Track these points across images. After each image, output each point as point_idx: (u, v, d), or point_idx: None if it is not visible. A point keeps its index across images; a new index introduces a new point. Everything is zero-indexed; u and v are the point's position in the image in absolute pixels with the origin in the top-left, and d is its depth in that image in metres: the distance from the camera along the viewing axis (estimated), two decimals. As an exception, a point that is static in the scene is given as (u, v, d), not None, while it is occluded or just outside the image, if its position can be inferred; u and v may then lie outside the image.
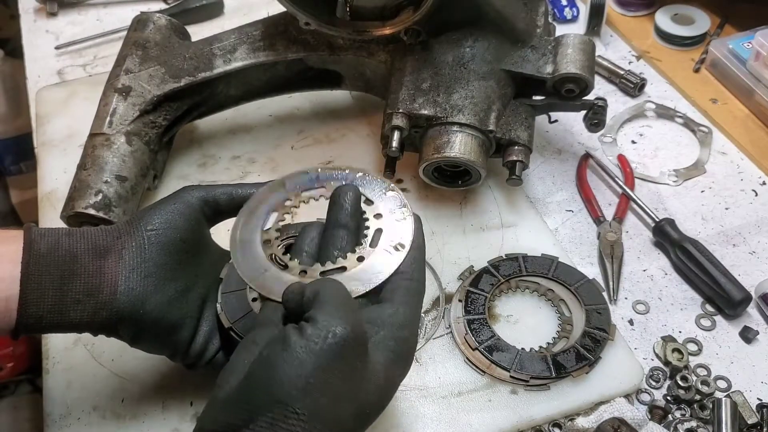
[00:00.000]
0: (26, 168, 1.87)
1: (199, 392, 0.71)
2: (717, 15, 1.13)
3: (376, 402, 0.51)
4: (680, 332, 0.78)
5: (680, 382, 0.71)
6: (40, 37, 1.20)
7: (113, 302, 0.56)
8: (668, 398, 0.72)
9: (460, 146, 0.79)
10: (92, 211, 0.78)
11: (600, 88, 1.05)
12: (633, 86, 1.03)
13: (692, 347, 0.76)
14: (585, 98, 0.84)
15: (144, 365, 0.72)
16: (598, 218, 0.87)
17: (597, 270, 0.83)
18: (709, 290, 0.79)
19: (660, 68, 1.08)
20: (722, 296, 0.78)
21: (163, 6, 1.23)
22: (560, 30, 0.94)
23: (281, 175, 0.64)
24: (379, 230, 0.59)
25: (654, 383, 0.73)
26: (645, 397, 0.72)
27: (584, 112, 0.86)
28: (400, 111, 0.81)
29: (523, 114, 0.83)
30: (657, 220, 0.85)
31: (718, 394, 0.72)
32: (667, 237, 0.84)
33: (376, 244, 0.58)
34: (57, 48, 1.16)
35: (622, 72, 1.05)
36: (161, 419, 0.70)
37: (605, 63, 1.06)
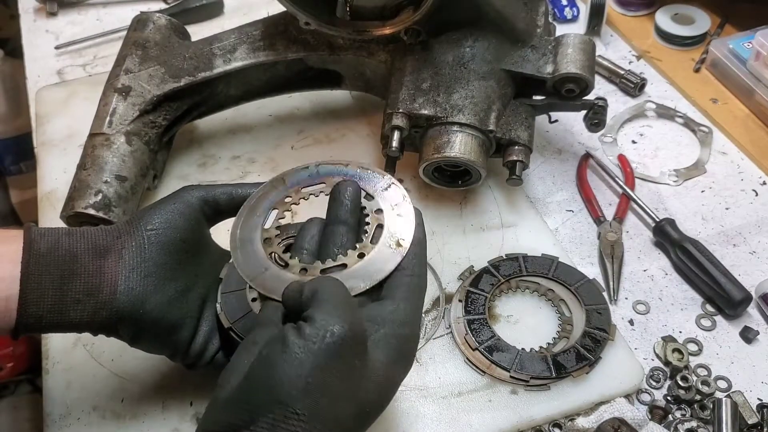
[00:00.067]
0: (26, 168, 1.86)
1: (199, 392, 0.71)
2: (717, 15, 1.13)
3: (377, 401, 0.51)
4: (680, 332, 0.78)
5: (680, 382, 0.71)
6: (40, 37, 1.20)
7: (113, 302, 0.56)
8: (668, 398, 0.72)
9: (460, 146, 0.79)
10: (92, 211, 0.78)
11: (600, 88, 1.05)
12: (633, 86, 1.03)
13: (692, 347, 0.76)
14: (585, 98, 0.84)
15: (144, 365, 0.72)
16: (599, 218, 0.87)
17: (597, 270, 0.83)
18: (710, 290, 0.79)
19: (660, 68, 1.08)
20: (722, 296, 0.78)
21: (163, 6, 1.23)
22: (560, 30, 0.94)
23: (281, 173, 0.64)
24: (380, 226, 0.58)
25: (654, 383, 0.73)
26: (645, 397, 0.72)
27: (584, 112, 0.86)
28: (400, 111, 0.81)
29: (524, 114, 0.83)
30: (657, 220, 0.85)
31: (719, 394, 0.72)
32: (668, 237, 0.84)
33: (377, 241, 0.57)
34: (57, 48, 1.16)
35: (623, 72, 1.04)
36: (161, 419, 0.70)
37: (605, 63, 1.06)
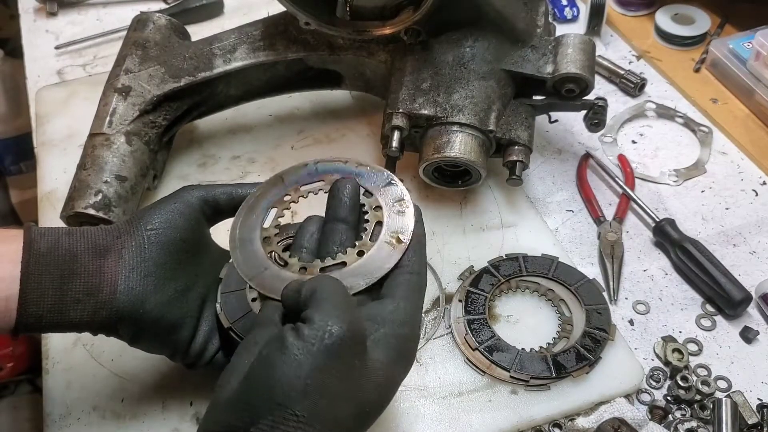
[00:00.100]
0: (26, 168, 1.86)
1: (199, 392, 0.71)
2: (717, 15, 1.13)
3: (377, 401, 0.51)
4: (680, 332, 0.78)
5: (680, 382, 0.71)
6: (40, 37, 1.20)
7: (113, 302, 0.56)
8: (668, 398, 0.72)
9: (460, 146, 0.79)
10: (92, 211, 0.78)
11: (600, 88, 1.05)
12: (633, 86, 1.03)
13: (692, 347, 0.76)
14: (585, 98, 0.84)
15: (144, 365, 0.72)
16: (599, 218, 0.87)
17: (597, 270, 0.83)
18: (710, 290, 0.79)
19: (660, 68, 1.08)
20: (722, 296, 0.78)
21: (163, 6, 1.23)
22: (560, 30, 0.94)
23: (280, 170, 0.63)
24: (379, 223, 0.58)
25: (654, 383, 0.73)
26: (645, 397, 0.72)
27: (584, 112, 0.86)
28: (400, 111, 0.81)
29: (523, 114, 0.83)
30: (657, 220, 0.85)
31: (719, 394, 0.72)
32: (668, 237, 0.84)
33: (377, 238, 0.57)
34: (57, 48, 1.16)
35: (623, 72, 1.04)
36: (161, 419, 0.70)
37: (605, 63, 1.06)
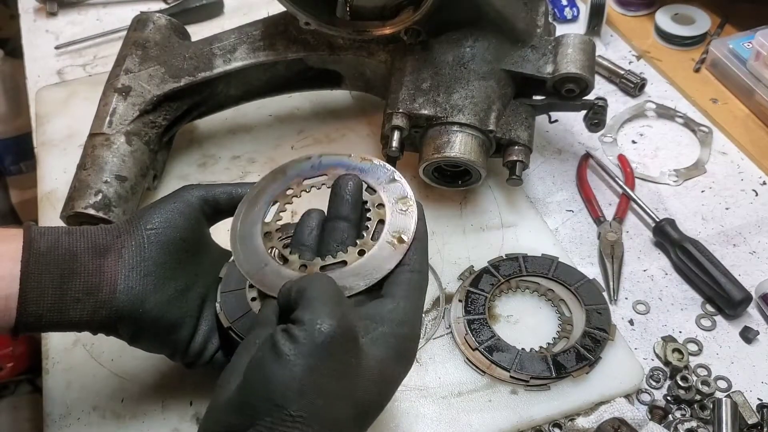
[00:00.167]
0: (26, 168, 1.86)
1: (199, 392, 0.71)
2: (717, 15, 1.13)
3: (376, 400, 0.51)
4: (680, 332, 0.77)
5: (680, 382, 0.71)
6: (40, 37, 1.20)
7: (113, 301, 0.56)
8: (668, 398, 0.72)
9: (460, 146, 0.79)
10: (92, 211, 0.78)
11: (600, 88, 1.05)
12: (633, 86, 1.03)
13: (692, 347, 0.76)
14: (585, 98, 0.84)
15: (144, 365, 0.72)
16: (599, 218, 0.87)
17: (597, 270, 0.83)
18: (710, 290, 0.79)
19: (660, 68, 1.08)
20: (722, 296, 0.78)
21: (163, 6, 1.23)
22: (560, 30, 0.94)
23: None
24: (381, 221, 0.58)
25: (654, 383, 0.73)
26: (645, 397, 0.72)
27: (584, 112, 0.86)
28: (400, 111, 0.81)
29: (523, 114, 0.83)
30: (657, 220, 0.85)
31: (719, 394, 0.72)
32: (668, 237, 0.84)
33: (378, 237, 0.56)
34: (57, 48, 1.16)
35: (623, 72, 1.04)
36: (161, 419, 0.70)
37: (605, 63, 1.06)
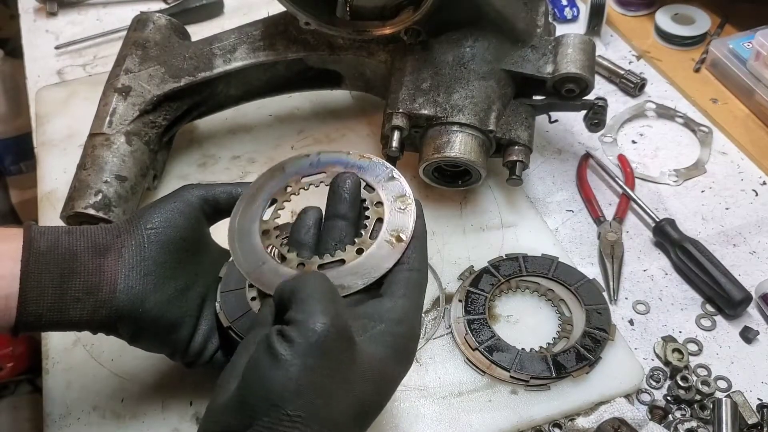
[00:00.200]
0: (26, 168, 1.86)
1: (199, 391, 0.71)
2: (717, 15, 1.13)
3: (375, 399, 0.51)
4: (680, 332, 0.77)
5: (680, 382, 0.71)
6: (40, 37, 1.20)
7: (113, 300, 0.56)
8: (668, 398, 0.72)
9: (460, 146, 0.79)
10: (92, 211, 0.78)
11: (600, 88, 1.05)
12: (633, 86, 1.03)
13: (692, 347, 0.76)
14: (585, 98, 0.84)
15: (144, 365, 0.72)
16: (599, 218, 0.87)
17: (597, 270, 0.83)
18: (710, 290, 0.79)
19: (660, 68, 1.08)
20: (722, 296, 0.78)
21: (163, 6, 1.23)
22: (560, 30, 0.94)
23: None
24: (380, 220, 0.57)
25: (654, 383, 0.73)
26: (645, 397, 0.72)
27: (584, 112, 0.86)
28: (400, 111, 0.81)
29: (523, 114, 0.83)
30: (657, 220, 0.85)
31: (719, 394, 0.72)
32: (668, 237, 0.84)
33: (377, 236, 0.56)
34: (57, 48, 1.16)
35: (623, 72, 1.04)
36: (161, 419, 0.70)
37: (605, 63, 1.06)
